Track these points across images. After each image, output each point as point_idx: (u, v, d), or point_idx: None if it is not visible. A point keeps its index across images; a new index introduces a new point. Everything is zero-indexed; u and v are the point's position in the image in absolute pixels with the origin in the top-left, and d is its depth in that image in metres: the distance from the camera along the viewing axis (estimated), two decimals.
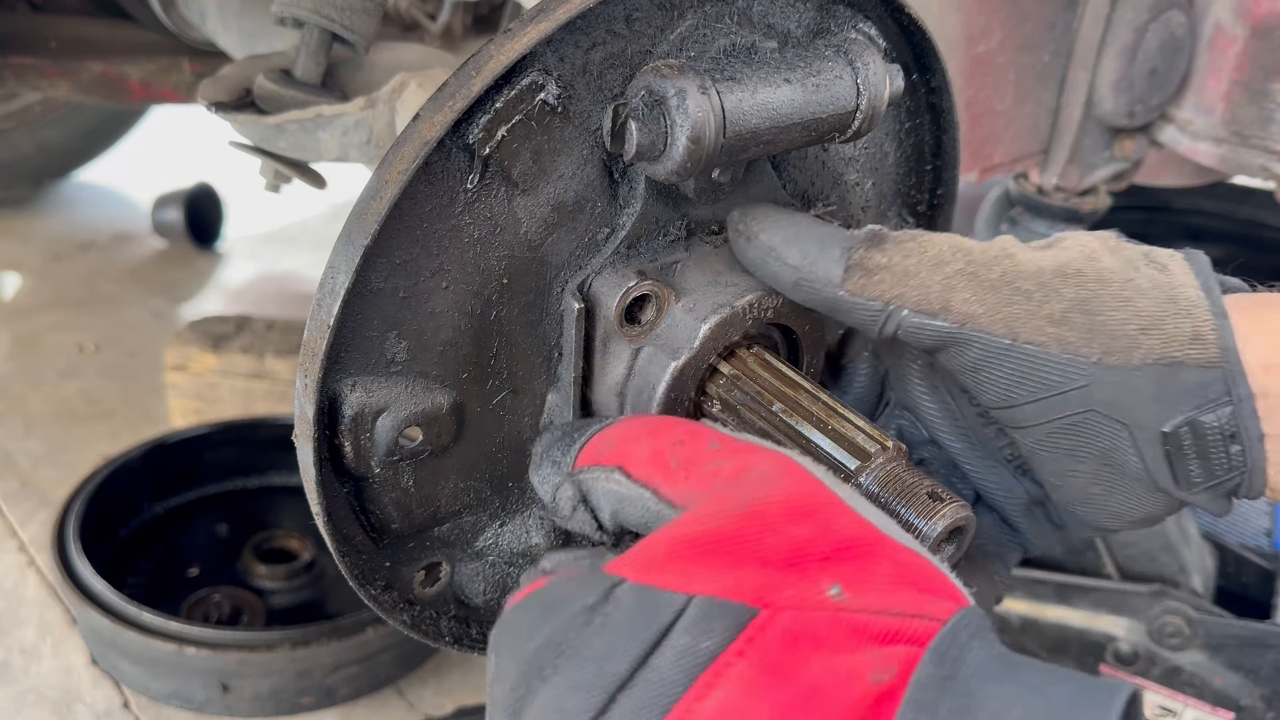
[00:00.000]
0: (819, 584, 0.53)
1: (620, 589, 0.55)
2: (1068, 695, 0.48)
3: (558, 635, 0.54)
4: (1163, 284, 0.71)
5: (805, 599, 0.53)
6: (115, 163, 3.68)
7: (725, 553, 0.55)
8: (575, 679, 0.52)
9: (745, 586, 0.53)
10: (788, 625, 0.51)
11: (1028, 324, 0.71)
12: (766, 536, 0.56)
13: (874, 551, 0.56)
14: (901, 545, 0.58)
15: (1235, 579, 1.57)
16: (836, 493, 0.60)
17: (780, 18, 0.80)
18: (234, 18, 1.76)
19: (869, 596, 0.53)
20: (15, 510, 2.09)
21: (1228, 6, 1.40)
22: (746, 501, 0.57)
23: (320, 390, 0.71)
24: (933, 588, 0.56)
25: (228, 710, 1.64)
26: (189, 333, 2.26)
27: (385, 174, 0.68)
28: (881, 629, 0.52)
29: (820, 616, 0.52)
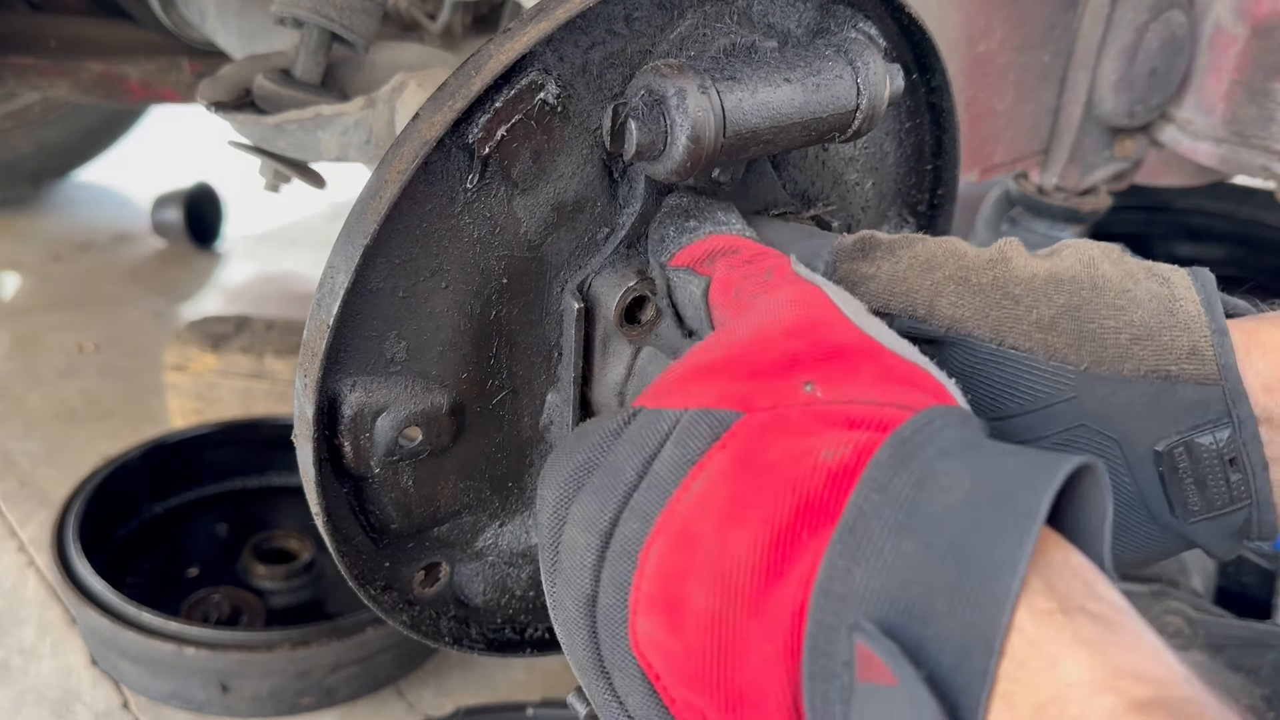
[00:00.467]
0: (798, 384, 0.57)
1: (637, 415, 0.61)
2: (1017, 466, 0.48)
3: (587, 457, 0.62)
4: (1162, 296, 0.70)
5: (781, 399, 0.57)
6: (115, 163, 3.67)
7: (724, 371, 0.60)
8: (596, 489, 0.60)
9: (733, 396, 0.58)
10: (761, 420, 0.56)
11: (1014, 329, 0.70)
12: (764, 353, 0.60)
13: (864, 356, 0.59)
14: (898, 355, 0.60)
15: (1235, 579, 1.57)
16: (847, 314, 0.62)
17: (780, 17, 0.80)
18: (233, 17, 1.76)
19: (844, 390, 0.56)
20: (15, 510, 2.09)
21: (1228, 6, 1.39)
22: (755, 326, 0.62)
23: (320, 390, 0.71)
24: (920, 387, 0.58)
25: (227, 710, 1.64)
26: (188, 333, 2.26)
27: (385, 174, 0.68)
28: (847, 416, 0.55)
29: (792, 410, 0.56)
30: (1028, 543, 0.45)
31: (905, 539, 0.47)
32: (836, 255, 0.75)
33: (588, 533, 0.59)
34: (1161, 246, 2.52)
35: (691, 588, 0.53)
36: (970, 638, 0.44)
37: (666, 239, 0.76)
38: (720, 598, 0.52)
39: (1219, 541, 0.71)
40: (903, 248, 0.74)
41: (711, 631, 0.52)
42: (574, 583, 0.59)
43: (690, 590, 0.53)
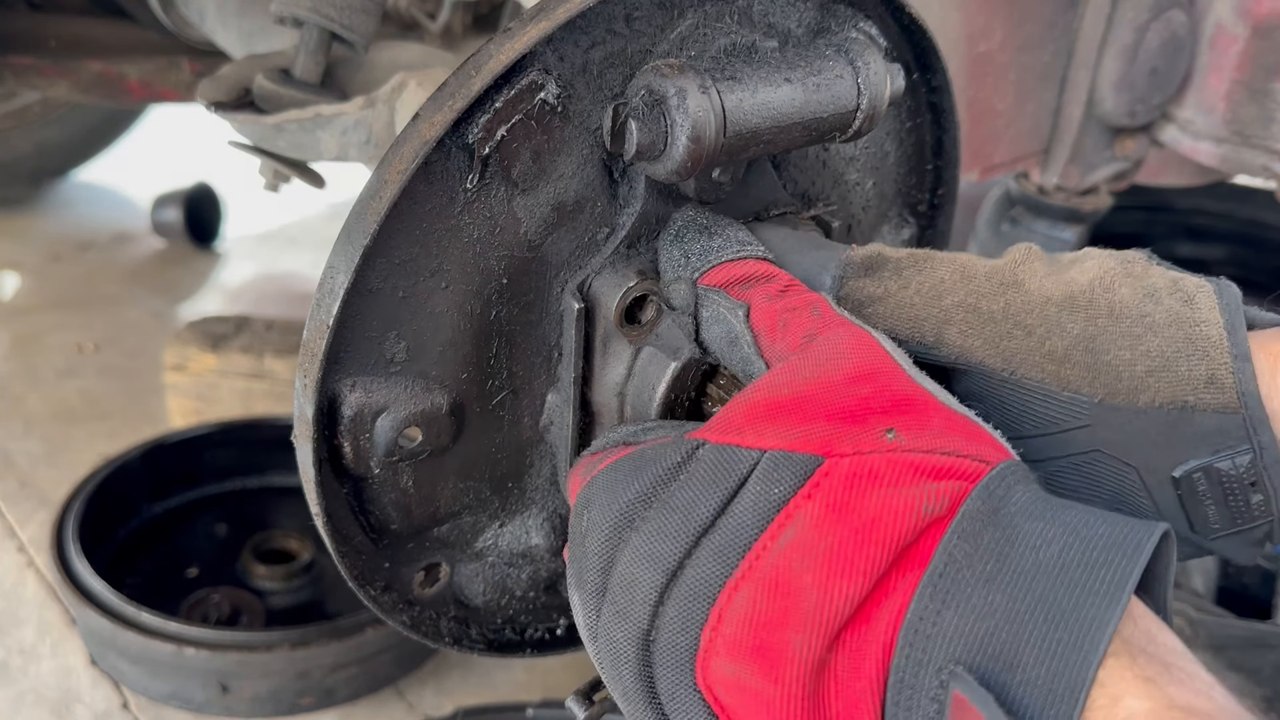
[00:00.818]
0: (877, 430, 0.58)
1: (703, 449, 0.61)
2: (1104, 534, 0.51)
3: (648, 489, 0.61)
4: (1183, 319, 0.68)
5: (864, 444, 0.57)
6: (114, 162, 3.67)
7: (794, 413, 0.60)
8: (664, 526, 0.59)
9: (811, 439, 0.58)
10: (849, 468, 0.56)
11: (1026, 360, 0.70)
12: (831, 397, 0.60)
13: (928, 407, 0.60)
14: (954, 409, 0.61)
15: (1236, 579, 1.57)
16: (900, 364, 0.63)
17: (781, 17, 0.80)
18: (233, 17, 1.76)
19: (923, 439, 0.57)
20: (14, 510, 2.09)
21: (1229, 6, 1.39)
22: (818, 370, 0.62)
23: (319, 390, 0.71)
24: (983, 439, 0.59)
25: (227, 711, 1.64)
26: (188, 333, 2.26)
27: (385, 173, 0.68)
28: (934, 466, 0.56)
29: (878, 458, 0.56)
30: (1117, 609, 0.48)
31: (994, 590, 0.50)
32: (844, 271, 0.74)
33: (652, 570, 0.58)
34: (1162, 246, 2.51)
35: (789, 637, 0.53)
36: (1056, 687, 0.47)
37: (691, 255, 0.74)
38: (824, 643, 0.53)
39: (1240, 551, 0.71)
40: (910, 268, 0.73)
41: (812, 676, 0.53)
42: (630, 616, 0.59)
43: (787, 639, 0.53)
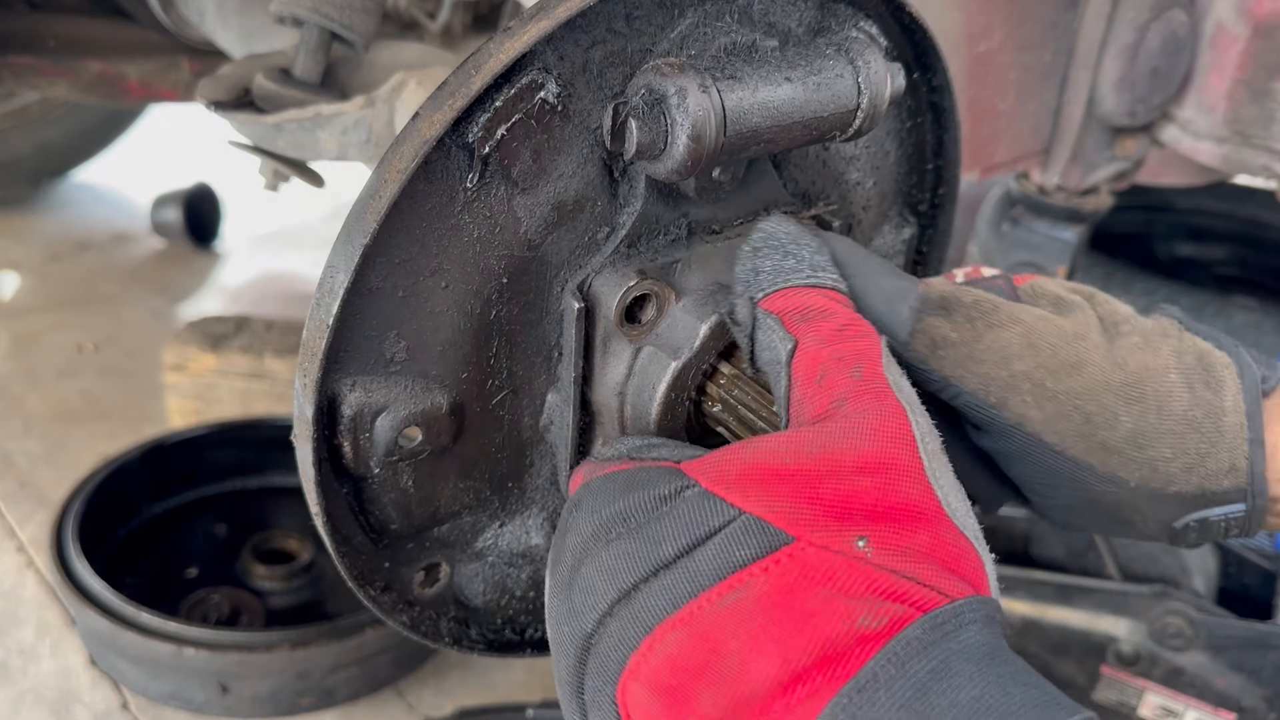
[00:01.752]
0: (851, 534, 0.58)
1: (690, 490, 0.62)
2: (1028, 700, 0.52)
3: (629, 512, 0.63)
4: (1213, 410, 0.73)
5: (833, 542, 0.58)
6: (114, 162, 3.67)
7: (786, 484, 0.60)
8: (631, 550, 0.61)
9: (790, 517, 0.59)
10: (811, 559, 0.57)
11: (1079, 444, 0.73)
12: (830, 482, 0.60)
13: (920, 521, 0.60)
14: (954, 526, 0.61)
15: (1237, 579, 1.57)
16: (924, 459, 0.62)
17: (781, 16, 0.80)
18: (233, 16, 1.76)
19: (891, 558, 0.57)
20: (14, 510, 2.09)
21: (1229, 6, 1.39)
22: (831, 445, 0.62)
23: (319, 390, 0.70)
24: (960, 570, 0.59)
25: (227, 711, 1.64)
26: (188, 333, 2.26)
27: (385, 173, 0.67)
28: (889, 586, 0.56)
29: (840, 560, 0.57)
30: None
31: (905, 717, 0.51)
32: (922, 305, 0.74)
33: (608, 584, 0.61)
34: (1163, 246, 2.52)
35: (700, 690, 0.56)
36: None
37: (761, 271, 0.73)
38: (724, 710, 0.55)
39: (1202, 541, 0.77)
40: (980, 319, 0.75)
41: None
42: (579, 617, 0.62)
43: (698, 691, 0.56)
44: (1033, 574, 1.55)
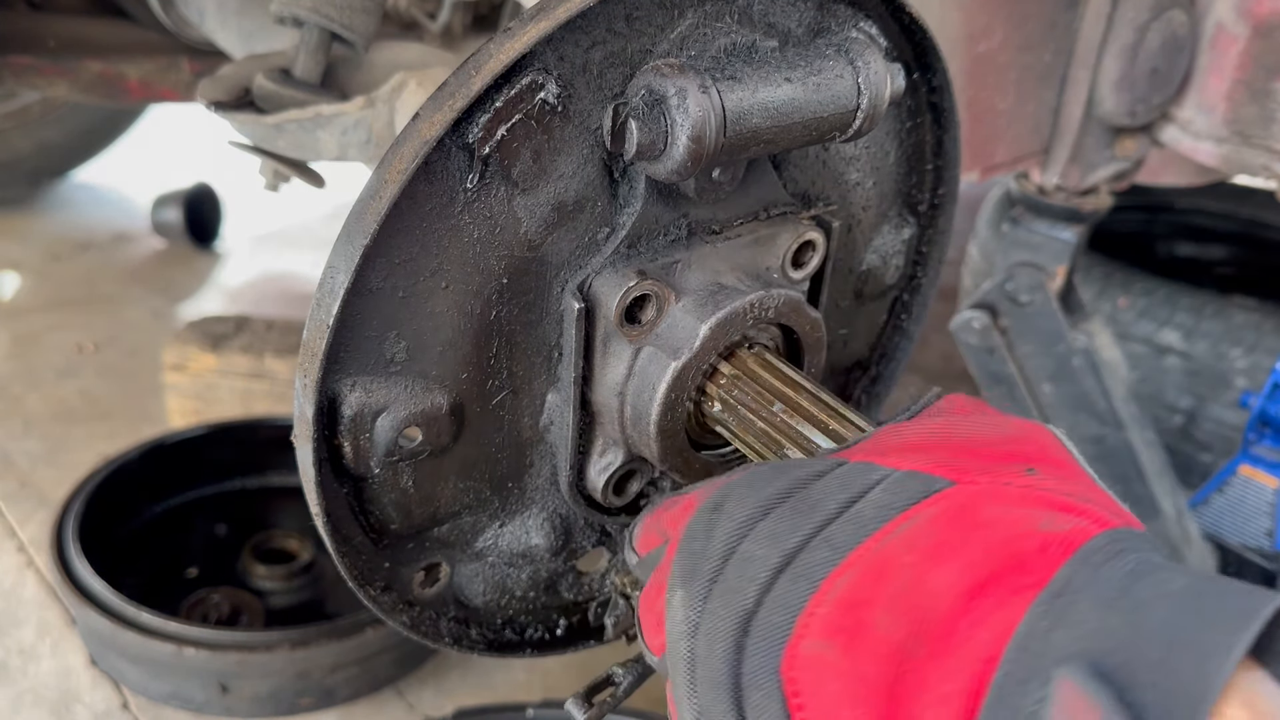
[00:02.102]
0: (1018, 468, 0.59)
1: (845, 465, 0.63)
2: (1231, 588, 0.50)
3: (786, 488, 0.62)
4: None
5: (1000, 475, 0.59)
6: (114, 162, 3.67)
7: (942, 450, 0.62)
8: (791, 514, 0.60)
9: (949, 467, 0.60)
10: (978, 489, 0.58)
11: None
12: (986, 446, 0.62)
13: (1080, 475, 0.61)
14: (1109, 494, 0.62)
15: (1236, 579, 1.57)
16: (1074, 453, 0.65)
17: (781, 17, 0.80)
18: (233, 17, 1.76)
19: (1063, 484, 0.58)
20: (14, 510, 2.09)
21: (1229, 6, 1.39)
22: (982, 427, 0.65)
23: (319, 390, 0.71)
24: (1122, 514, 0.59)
25: (227, 711, 1.64)
26: (188, 333, 2.26)
27: (385, 173, 0.67)
28: (1066, 504, 0.56)
29: (1012, 487, 0.57)
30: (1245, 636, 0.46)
31: (1112, 615, 0.49)
32: None
33: (770, 549, 0.59)
34: (1163, 246, 2.52)
35: (878, 615, 0.53)
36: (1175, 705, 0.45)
37: None
38: (907, 629, 0.52)
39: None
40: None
41: (890, 659, 0.52)
42: (737, 594, 0.59)
43: (876, 617, 0.53)
44: None
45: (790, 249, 0.86)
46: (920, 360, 2.80)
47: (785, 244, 0.86)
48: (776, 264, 0.86)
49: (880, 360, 1.10)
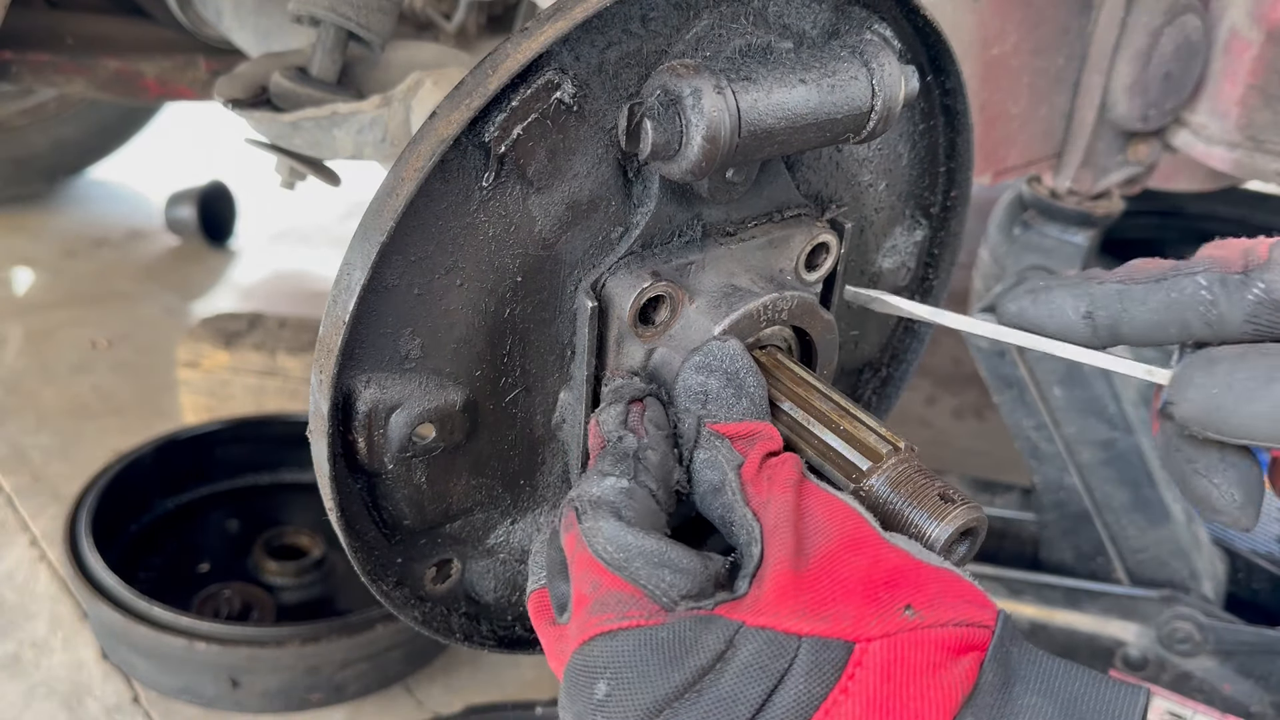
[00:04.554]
0: (896, 608, 0.60)
1: (740, 634, 0.61)
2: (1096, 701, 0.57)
3: (689, 681, 0.60)
4: None
5: (889, 625, 0.60)
6: (129, 160, 3.69)
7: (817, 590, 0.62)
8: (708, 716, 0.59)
9: (842, 622, 0.60)
10: (882, 654, 0.59)
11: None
12: (839, 570, 0.63)
13: (918, 573, 0.63)
14: (933, 566, 0.65)
15: (1246, 585, 1.57)
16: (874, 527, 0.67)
17: (796, 18, 0.80)
18: (250, 15, 1.77)
19: (935, 611, 0.60)
20: (27, 505, 2.10)
21: (1243, 11, 1.39)
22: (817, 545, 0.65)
23: (335, 386, 0.71)
24: (973, 597, 0.63)
25: (237, 706, 1.65)
26: (201, 329, 2.27)
27: (402, 171, 0.68)
28: (953, 640, 0.59)
29: (905, 638, 0.59)
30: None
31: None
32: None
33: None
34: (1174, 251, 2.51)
35: None
36: None
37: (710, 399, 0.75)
38: None
39: None
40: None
41: None
42: None
43: None
44: (1041, 578, 1.55)
45: (804, 251, 0.87)
46: (930, 363, 2.80)
47: (799, 246, 0.86)
48: (790, 266, 0.87)
49: (891, 362, 1.10)
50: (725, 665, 0.59)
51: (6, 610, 1.83)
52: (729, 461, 0.71)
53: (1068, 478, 1.50)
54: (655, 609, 0.62)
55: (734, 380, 0.75)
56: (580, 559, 0.65)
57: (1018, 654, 0.60)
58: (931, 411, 2.67)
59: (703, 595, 0.63)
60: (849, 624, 0.60)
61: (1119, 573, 1.51)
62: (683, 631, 0.61)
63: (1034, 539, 1.61)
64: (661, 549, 0.64)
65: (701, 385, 0.75)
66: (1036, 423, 1.49)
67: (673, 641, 0.61)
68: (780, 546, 0.64)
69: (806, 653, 0.59)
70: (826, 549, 0.64)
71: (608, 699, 0.61)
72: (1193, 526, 1.50)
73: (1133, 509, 1.47)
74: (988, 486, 1.71)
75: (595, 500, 0.67)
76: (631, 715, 0.60)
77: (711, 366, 0.75)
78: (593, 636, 0.62)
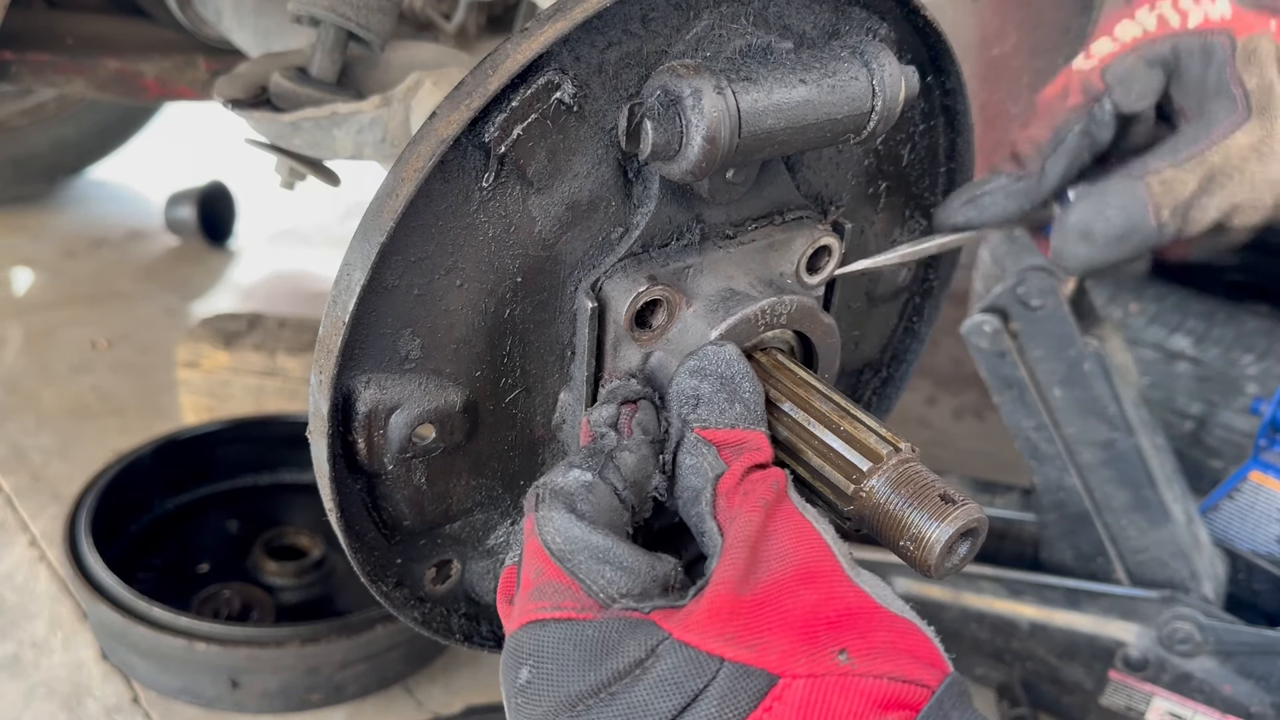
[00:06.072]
0: (829, 650, 0.60)
1: (664, 645, 0.61)
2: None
3: (606, 681, 0.60)
4: None
5: (817, 665, 0.59)
6: (129, 160, 3.69)
7: (752, 618, 0.61)
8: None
9: (769, 653, 0.59)
10: (802, 693, 0.58)
11: None
12: (784, 599, 0.62)
13: (871, 619, 0.63)
14: (893, 614, 0.64)
15: (1246, 585, 1.57)
16: (841, 563, 0.66)
17: (796, 19, 0.80)
18: (249, 15, 1.77)
19: (872, 661, 0.59)
20: (27, 505, 2.10)
21: None
22: (770, 571, 0.64)
23: (335, 387, 0.71)
24: (921, 654, 0.62)
25: (237, 706, 1.64)
26: (201, 330, 2.27)
27: (402, 172, 0.68)
28: (883, 694, 0.58)
29: (831, 681, 0.58)
30: None
31: None
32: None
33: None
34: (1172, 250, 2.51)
35: None
36: None
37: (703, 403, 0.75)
38: None
39: None
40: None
41: None
42: None
43: None
44: (1041, 578, 1.54)
45: (805, 254, 0.87)
46: (931, 363, 2.80)
47: (800, 249, 0.86)
48: (791, 269, 0.87)
49: (891, 362, 1.10)
50: (643, 674, 0.60)
51: (6, 610, 1.83)
52: (711, 469, 0.71)
53: (1068, 478, 1.50)
54: (589, 603, 0.63)
55: (728, 385, 0.75)
56: (530, 545, 0.67)
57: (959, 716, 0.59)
58: (931, 412, 2.67)
59: (644, 596, 0.64)
60: (775, 657, 0.59)
61: (1119, 573, 1.51)
62: (608, 632, 0.62)
63: (1034, 539, 1.61)
64: (607, 545, 0.65)
65: (694, 389, 0.75)
66: (1036, 423, 1.49)
67: (596, 640, 0.62)
68: (729, 567, 0.64)
69: (725, 677, 0.58)
70: (779, 576, 0.63)
71: (527, 685, 0.62)
72: (1193, 527, 1.50)
73: (1133, 510, 1.47)
74: (988, 487, 1.71)
75: (555, 490, 0.68)
76: (547, 704, 0.61)
77: (705, 370, 0.75)
78: (526, 623, 0.64)
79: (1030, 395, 1.48)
